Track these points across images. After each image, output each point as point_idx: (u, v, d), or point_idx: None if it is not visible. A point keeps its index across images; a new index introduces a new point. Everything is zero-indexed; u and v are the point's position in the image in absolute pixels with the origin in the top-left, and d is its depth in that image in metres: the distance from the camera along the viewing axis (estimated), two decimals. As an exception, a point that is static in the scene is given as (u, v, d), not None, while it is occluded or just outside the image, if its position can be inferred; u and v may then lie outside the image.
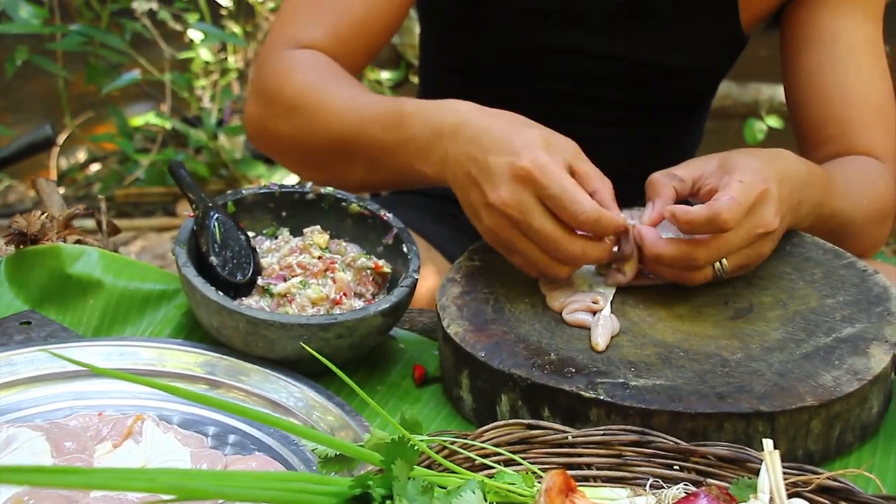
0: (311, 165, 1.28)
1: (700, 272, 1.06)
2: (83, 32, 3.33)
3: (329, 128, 1.22)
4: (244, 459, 0.93)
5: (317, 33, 1.30)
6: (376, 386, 1.10)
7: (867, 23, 1.36)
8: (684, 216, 1.03)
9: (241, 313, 1.03)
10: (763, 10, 1.39)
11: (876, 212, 1.30)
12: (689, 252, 1.05)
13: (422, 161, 1.13)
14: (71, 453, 0.90)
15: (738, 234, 1.04)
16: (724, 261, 1.06)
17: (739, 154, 1.10)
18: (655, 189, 1.10)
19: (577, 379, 0.97)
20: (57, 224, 1.25)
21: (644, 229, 1.07)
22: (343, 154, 1.22)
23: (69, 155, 4.02)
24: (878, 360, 1.00)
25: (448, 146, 1.09)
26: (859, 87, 1.34)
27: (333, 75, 1.27)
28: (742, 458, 0.86)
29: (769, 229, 1.05)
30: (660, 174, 1.11)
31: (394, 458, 0.76)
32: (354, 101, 1.21)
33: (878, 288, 1.10)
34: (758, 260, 1.09)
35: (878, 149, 1.33)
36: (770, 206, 1.05)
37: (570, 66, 1.41)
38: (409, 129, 1.14)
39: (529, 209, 1.02)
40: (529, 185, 1.02)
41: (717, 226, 1.02)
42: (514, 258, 1.08)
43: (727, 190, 1.03)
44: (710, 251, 1.04)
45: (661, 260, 1.06)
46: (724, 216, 1.01)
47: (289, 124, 1.25)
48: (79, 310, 1.18)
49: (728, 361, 1.00)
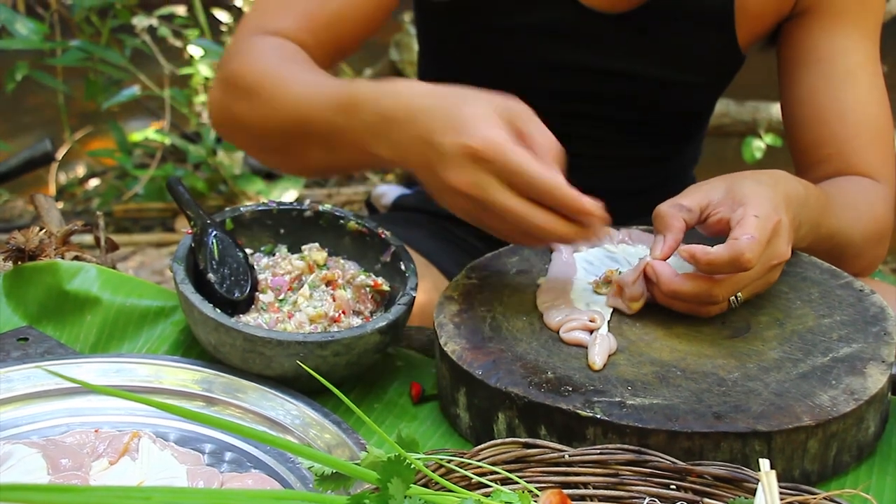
0: (270, 149, 1.27)
1: (716, 306, 1.07)
2: (83, 48, 3.34)
3: (286, 110, 1.19)
4: (240, 477, 0.92)
5: (287, 22, 1.30)
6: (373, 403, 1.10)
7: (864, 43, 1.36)
8: (705, 258, 1.03)
9: (238, 330, 1.03)
10: (760, 29, 1.40)
11: (873, 232, 1.30)
12: (707, 289, 1.05)
13: (378, 144, 1.10)
14: (67, 470, 0.89)
15: (755, 269, 1.04)
16: (739, 294, 1.07)
17: (745, 181, 1.09)
18: (664, 222, 1.09)
19: (574, 397, 0.97)
20: (55, 240, 1.26)
21: (658, 266, 1.07)
22: (300, 137, 1.19)
23: (68, 170, 4.02)
24: (875, 380, 1.00)
25: (401, 131, 1.07)
26: (856, 107, 1.34)
27: (294, 60, 1.25)
28: (739, 477, 0.86)
29: (782, 259, 1.07)
30: (666, 206, 1.10)
31: (390, 477, 0.76)
32: (311, 85, 1.19)
33: (874, 308, 1.10)
34: (767, 287, 1.10)
35: (874, 169, 1.34)
36: (783, 237, 1.06)
37: (567, 83, 1.42)
38: (362, 113, 1.11)
39: (487, 187, 1.00)
40: (482, 164, 1.00)
41: (740, 266, 1.02)
42: (497, 232, 1.07)
43: (744, 227, 1.03)
44: (729, 287, 1.05)
45: (679, 296, 1.06)
46: (747, 255, 1.01)
47: (248, 107, 1.23)
48: (76, 326, 1.18)
49: (725, 381, 1.00)
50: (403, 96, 1.08)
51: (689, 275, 1.06)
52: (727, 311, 1.08)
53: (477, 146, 1.00)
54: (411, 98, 1.07)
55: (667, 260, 1.07)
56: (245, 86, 1.24)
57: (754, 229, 1.02)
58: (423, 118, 1.05)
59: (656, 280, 1.07)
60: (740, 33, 1.39)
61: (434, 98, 1.06)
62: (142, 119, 4.17)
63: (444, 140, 1.02)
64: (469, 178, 1.00)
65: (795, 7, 1.37)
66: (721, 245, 1.03)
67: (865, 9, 1.36)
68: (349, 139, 1.12)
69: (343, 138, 1.13)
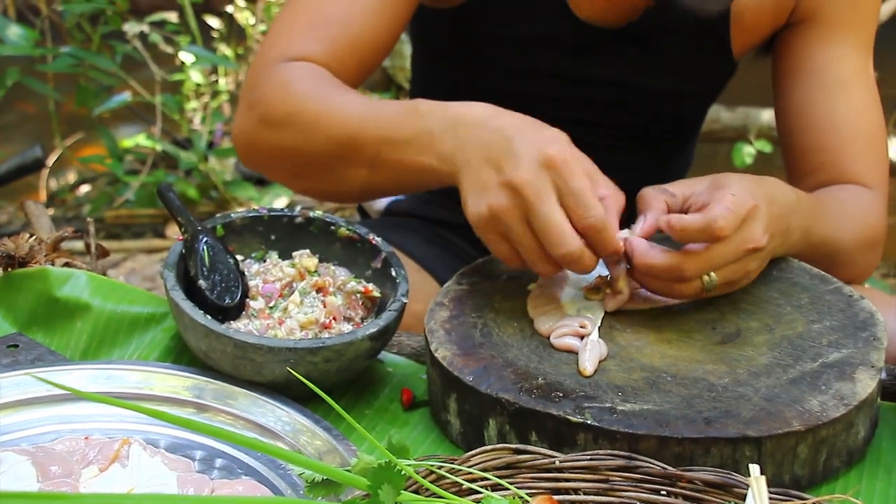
0: (307, 175, 1.26)
1: (689, 285, 1.07)
2: (74, 54, 3.34)
3: (331, 131, 1.21)
4: (231, 484, 0.92)
5: (313, 48, 1.30)
6: (364, 410, 1.10)
7: (858, 52, 1.37)
8: (678, 223, 1.05)
9: (229, 337, 1.03)
10: (755, 39, 1.41)
11: (865, 239, 1.31)
12: (678, 263, 1.06)
13: (430, 153, 1.12)
14: (57, 478, 0.89)
15: (727, 247, 1.05)
16: (712, 274, 1.06)
17: (729, 174, 1.11)
18: (647, 202, 1.11)
19: (565, 403, 0.97)
20: (45, 247, 1.25)
21: (635, 240, 1.08)
22: (344, 157, 1.20)
23: (59, 176, 4.02)
24: (865, 385, 1.00)
25: (468, 132, 1.10)
26: (849, 116, 1.35)
27: (334, 82, 1.27)
28: (729, 483, 0.86)
29: (758, 245, 1.07)
30: (651, 188, 1.13)
31: (381, 483, 0.76)
32: (356, 103, 1.22)
33: (864, 313, 1.10)
34: (745, 278, 1.10)
35: (867, 177, 1.34)
36: (759, 222, 1.07)
37: (562, 90, 1.42)
38: (426, 121, 1.14)
39: (545, 193, 1.03)
40: (553, 172, 1.03)
41: (712, 233, 1.03)
42: (501, 246, 1.07)
43: (721, 202, 1.05)
44: (700, 262, 1.05)
45: (651, 270, 1.07)
46: (720, 223, 1.03)
47: (287, 135, 1.24)
48: (66, 333, 1.18)
49: (715, 386, 1.00)
50: (475, 106, 1.13)
51: (661, 249, 1.07)
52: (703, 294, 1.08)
53: (554, 154, 1.04)
54: (485, 108, 1.12)
55: (648, 238, 1.08)
56: (283, 114, 1.24)
57: (730, 203, 1.04)
58: (501, 126, 1.09)
59: (631, 253, 1.07)
60: (735, 43, 1.39)
61: (514, 115, 1.11)
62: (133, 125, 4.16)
63: (523, 141, 1.06)
64: (535, 178, 1.03)
65: (791, 17, 1.38)
66: (696, 213, 1.05)
67: (860, 19, 1.37)
68: (401, 149, 1.15)
69: (394, 150, 1.15)
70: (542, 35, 1.38)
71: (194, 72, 3.80)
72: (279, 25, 1.35)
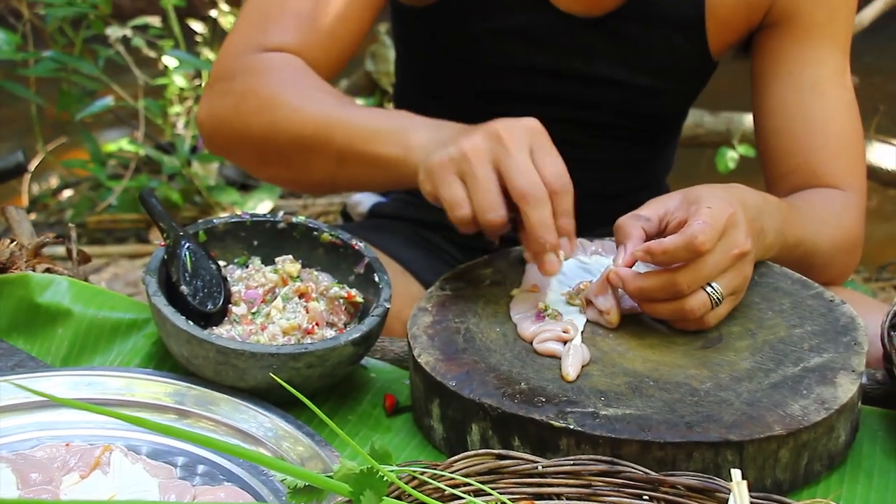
0: (274, 162, 1.29)
1: (694, 299, 1.06)
2: (56, 59, 3.32)
3: (306, 121, 1.24)
4: (213, 490, 0.92)
5: (286, 39, 1.32)
6: (347, 415, 1.10)
7: (834, 55, 1.37)
8: (659, 248, 1.05)
9: (211, 342, 1.03)
10: (731, 37, 1.41)
11: (842, 241, 1.31)
12: (670, 279, 1.05)
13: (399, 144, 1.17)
14: (37, 485, 0.89)
15: (714, 257, 1.05)
16: (715, 286, 1.06)
17: (699, 187, 1.12)
18: (624, 232, 1.11)
19: (548, 408, 0.98)
20: (26, 252, 1.25)
21: (621, 270, 1.08)
22: (314, 148, 1.23)
23: (41, 181, 4.00)
24: (846, 389, 1.00)
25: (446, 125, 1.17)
26: (824, 118, 1.36)
27: (310, 74, 1.30)
28: (711, 487, 0.86)
29: (743, 249, 1.07)
30: (626, 217, 1.12)
31: (362, 489, 0.76)
32: (333, 97, 1.26)
33: (845, 318, 1.11)
34: (744, 283, 1.10)
35: (842, 179, 1.35)
36: (740, 227, 1.07)
37: (540, 86, 1.43)
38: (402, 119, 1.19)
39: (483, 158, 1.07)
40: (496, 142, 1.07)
41: (694, 249, 1.03)
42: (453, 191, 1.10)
43: (698, 216, 1.05)
44: (692, 273, 1.05)
45: (647, 293, 1.07)
46: (700, 238, 1.03)
47: (259, 121, 1.26)
48: (47, 339, 1.17)
49: (697, 391, 1.00)
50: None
51: (650, 271, 1.07)
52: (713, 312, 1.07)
53: (501, 127, 1.09)
54: None
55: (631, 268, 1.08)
56: (261, 100, 1.27)
57: (707, 216, 1.05)
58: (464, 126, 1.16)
59: (621, 284, 1.08)
60: (711, 40, 1.40)
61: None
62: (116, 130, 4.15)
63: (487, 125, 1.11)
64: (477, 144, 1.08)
65: (766, 18, 1.38)
66: (675, 234, 1.05)
67: (835, 22, 1.37)
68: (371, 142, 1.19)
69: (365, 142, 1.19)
70: (519, 29, 1.39)
71: (177, 76, 3.78)
72: (249, 16, 1.36)
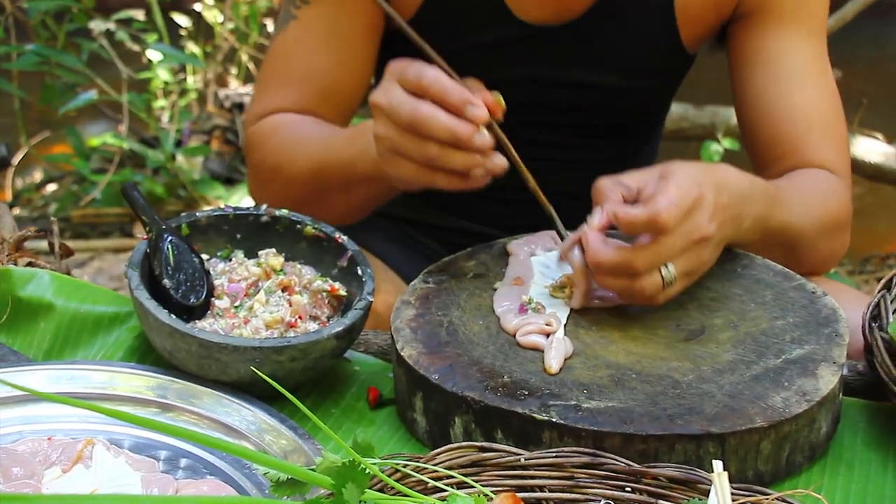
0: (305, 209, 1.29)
1: (648, 280, 1.06)
2: (39, 52, 3.30)
3: (305, 168, 1.32)
4: (196, 484, 0.92)
5: (284, 102, 1.39)
6: (330, 409, 1.10)
7: (809, 40, 1.37)
8: (625, 216, 1.05)
9: (193, 336, 1.02)
10: (703, 30, 1.41)
11: (828, 224, 1.31)
12: (627, 258, 1.06)
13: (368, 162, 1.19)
14: (19, 479, 0.89)
15: (674, 238, 1.05)
16: (670, 266, 1.07)
17: (678, 163, 1.12)
18: (603, 194, 1.12)
19: (530, 401, 0.98)
20: (8, 246, 1.24)
21: (590, 234, 1.08)
22: (320, 187, 1.31)
23: (25, 175, 3.98)
24: (827, 381, 1.01)
25: None
26: (804, 104, 1.36)
27: (301, 121, 1.37)
28: (693, 479, 0.87)
29: (704, 235, 1.07)
30: (607, 180, 1.13)
31: (345, 482, 0.76)
32: (321, 136, 1.33)
33: (826, 310, 1.11)
34: (701, 267, 1.10)
35: (828, 163, 1.35)
36: (704, 212, 1.07)
37: (520, 95, 1.42)
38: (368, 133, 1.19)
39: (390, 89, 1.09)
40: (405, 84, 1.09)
41: (656, 226, 1.04)
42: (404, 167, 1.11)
43: (665, 193, 1.05)
44: (649, 255, 1.06)
45: (602, 267, 1.07)
46: (664, 216, 1.03)
47: (274, 185, 1.37)
48: (30, 333, 1.17)
49: (679, 383, 1.01)
50: None
51: (613, 246, 1.07)
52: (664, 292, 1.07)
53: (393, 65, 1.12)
54: None
55: (604, 231, 1.09)
56: (269, 170, 1.38)
57: (673, 195, 1.05)
58: None
59: (585, 247, 1.08)
60: (684, 34, 1.40)
61: None
62: (100, 124, 4.13)
63: None
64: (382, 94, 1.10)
65: (737, 10, 1.38)
66: (641, 206, 1.06)
67: (806, 9, 1.37)
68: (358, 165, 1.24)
69: (355, 170, 1.25)
70: (490, 44, 1.39)
71: (161, 70, 3.77)
72: (261, 78, 1.47)
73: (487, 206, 1.50)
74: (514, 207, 1.37)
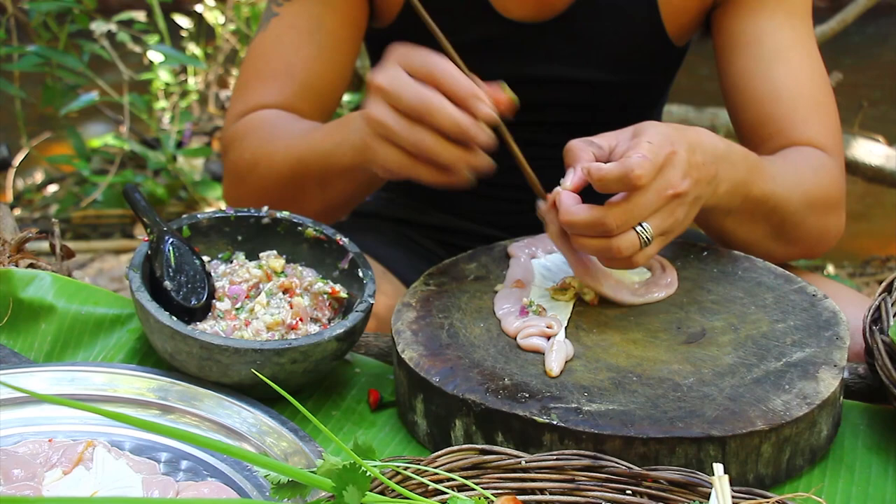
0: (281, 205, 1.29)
1: (623, 239, 1.06)
2: (40, 53, 3.30)
3: (282, 159, 1.29)
4: (196, 486, 0.92)
5: (263, 99, 1.38)
6: (331, 411, 1.10)
7: (792, 21, 1.37)
8: (597, 173, 1.05)
9: (194, 338, 1.02)
10: (687, 21, 1.41)
11: (818, 199, 1.29)
12: (600, 217, 1.05)
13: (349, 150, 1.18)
14: (19, 481, 0.88)
15: (647, 195, 1.05)
16: (645, 225, 1.06)
17: (651, 122, 1.12)
18: (575, 154, 1.11)
19: (531, 404, 0.98)
20: (9, 248, 1.24)
21: (563, 195, 1.08)
22: (297, 183, 1.28)
23: (26, 176, 3.98)
24: (828, 384, 1.01)
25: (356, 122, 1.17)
26: (788, 84, 1.34)
27: (280, 116, 1.35)
28: (693, 482, 0.87)
29: (678, 190, 1.06)
30: (578, 140, 1.13)
31: (345, 485, 0.76)
32: (301, 130, 1.30)
33: (827, 313, 1.11)
34: (676, 227, 1.10)
35: (817, 141, 1.33)
36: (678, 168, 1.06)
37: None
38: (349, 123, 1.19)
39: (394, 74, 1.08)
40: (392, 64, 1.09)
41: (629, 182, 1.03)
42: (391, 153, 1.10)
43: (637, 149, 1.05)
44: (622, 213, 1.05)
45: (575, 227, 1.07)
46: (637, 171, 1.03)
47: (254, 180, 1.33)
48: (31, 335, 1.17)
49: (680, 386, 1.01)
50: None
51: (584, 205, 1.07)
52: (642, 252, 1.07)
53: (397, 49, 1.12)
54: None
55: (578, 191, 1.08)
56: (245, 166, 1.35)
57: (646, 151, 1.04)
58: None
59: (558, 207, 1.08)
60: (669, 26, 1.40)
61: None
62: (101, 125, 4.13)
63: None
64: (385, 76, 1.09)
65: None
66: (613, 163, 1.05)
67: None
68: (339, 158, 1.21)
69: (334, 161, 1.22)
70: (474, 42, 1.38)
71: (163, 71, 3.77)
72: (241, 76, 1.44)
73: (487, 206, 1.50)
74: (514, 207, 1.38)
